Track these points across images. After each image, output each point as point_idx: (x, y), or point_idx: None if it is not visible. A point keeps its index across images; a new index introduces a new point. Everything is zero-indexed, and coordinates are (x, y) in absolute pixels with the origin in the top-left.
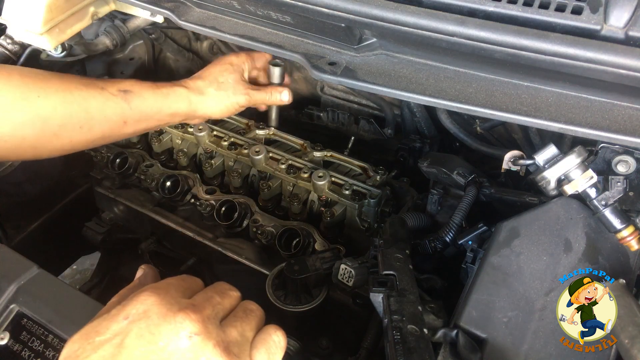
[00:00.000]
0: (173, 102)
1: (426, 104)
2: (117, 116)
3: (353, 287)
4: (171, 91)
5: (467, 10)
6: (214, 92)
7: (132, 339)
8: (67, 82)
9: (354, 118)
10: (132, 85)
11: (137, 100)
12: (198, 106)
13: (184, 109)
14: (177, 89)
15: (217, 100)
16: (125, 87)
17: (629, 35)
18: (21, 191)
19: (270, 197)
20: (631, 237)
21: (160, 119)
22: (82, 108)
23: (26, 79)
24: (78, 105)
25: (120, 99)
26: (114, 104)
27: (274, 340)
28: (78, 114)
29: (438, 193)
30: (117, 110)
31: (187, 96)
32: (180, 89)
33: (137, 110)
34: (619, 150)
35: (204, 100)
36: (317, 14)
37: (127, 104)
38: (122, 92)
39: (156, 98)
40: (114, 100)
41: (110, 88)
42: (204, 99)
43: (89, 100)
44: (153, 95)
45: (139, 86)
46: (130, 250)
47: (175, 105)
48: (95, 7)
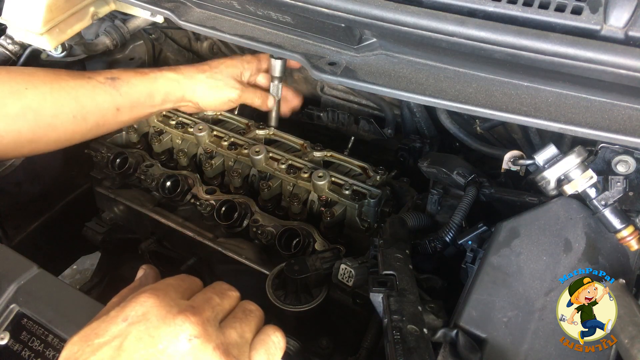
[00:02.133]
0: (162, 86)
1: (426, 104)
2: (108, 103)
3: (353, 287)
4: (159, 75)
5: (467, 10)
6: (204, 79)
7: (131, 341)
8: (54, 74)
9: (354, 118)
10: (119, 73)
11: (125, 87)
12: (186, 90)
13: (173, 91)
14: (166, 73)
15: (206, 87)
16: (113, 74)
17: (628, 35)
18: (21, 191)
19: (270, 197)
20: (631, 237)
21: (153, 104)
22: (72, 97)
23: (13, 74)
24: (67, 94)
25: (108, 86)
26: (102, 92)
27: (273, 341)
28: (69, 103)
29: (438, 193)
30: (107, 98)
31: (176, 79)
32: (170, 73)
33: (128, 96)
34: (618, 150)
35: (192, 85)
36: (317, 14)
37: (116, 90)
38: (109, 79)
39: (145, 83)
40: (102, 87)
41: (98, 77)
42: (194, 83)
43: (77, 89)
44: (141, 81)
45: (126, 73)
46: (131, 250)
47: (165, 89)
48: (96, 7)
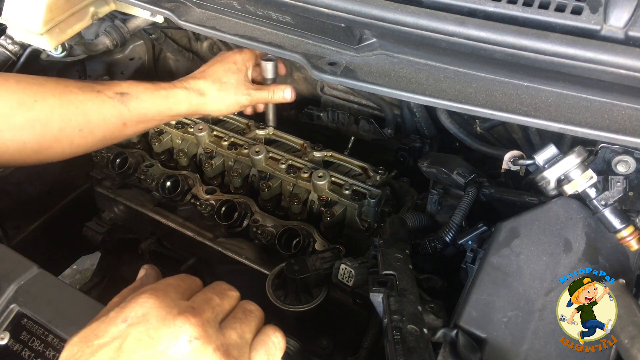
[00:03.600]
0: (173, 105)
1: (426, 104)
2: (116, 118)
3: (353, 287)
4: (170, 93)
5: (467, 10)
6: (216, 93)
7: (131, 343)
8: (63, 86)
9: (354, 118)
10: (129, 87)
11: (134, 103)
12: (199, 107)
13: (184, 110)
14: (176, 91)
15: (218, 100)
16: (122, 89)
17: (628, 35)
18: (21, 191)
19: (270, 197)
20: (631, 237)
21: (161, 119)
22: (80, 111)
23: (22, 84)
24: (75, 107)
25: (117, 101)
26: (111, 107)
27: (273, 341)
28: (76, 117)
29: (438, 193)
30: (115, 113)
31: (187, 98)
32: (180, 91)
33: (136, 112)
34: (618, 150)
35: (204, 102)
36: (317, 14)
37: (125, 106)
38: (118, 94)
39: (154, 100)
40: (110, 103)
41: (107, 91)
42: (205, 99)
43: (85, 103)
44: (151, 98)
45: (136, 88)
46: (131, 250)
47: (176, 108)
48: (95, 7)
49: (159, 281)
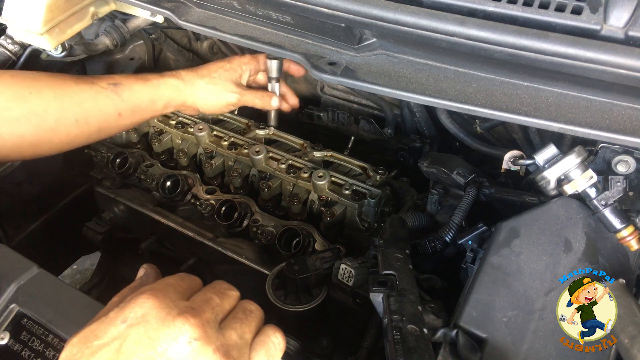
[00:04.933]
0: (163, 92)
1: (426, 104)
2: (111, 108)
3: (353, 287)
4: (162, 82)
5: (467, 10)
6: (204, 85)
7: (130, 343)
8: (58, 79)
9: (354, 118)
10: (121, 79)
11: (127, 92)
12: (187, 96)
13: (175, 98)
14: (167, 79)
15: (206, 93)
16: (115, 80)
17: (628, 35)
18: (21, 191)
19: (270, 197)
20: (631, 237)
21: (155, 110)
22: (75, 102)
23: (16, 78)
24: (70, 98)
25: (110, 91)
26: (105, 97)
27: (273, 341)
28: (72, 108)
29: (438, 193)
30: (109, 102)
31: (177, 85)
32: (171, 79)
33: (129, 101)
34: (618, 150)
35: (193, 91)
36: (317, 14)
37: (119, 96)
38: (111, 85)
39: (146, 90)
40: (104, 93)
41: (100, 82)
42: (194, 89)
43: (80, 94)
44: (143, 87)
45: (128, 79)
46: (131, 250)
47: (166, 95)
48: (96, 7)
49: (159, 281)
